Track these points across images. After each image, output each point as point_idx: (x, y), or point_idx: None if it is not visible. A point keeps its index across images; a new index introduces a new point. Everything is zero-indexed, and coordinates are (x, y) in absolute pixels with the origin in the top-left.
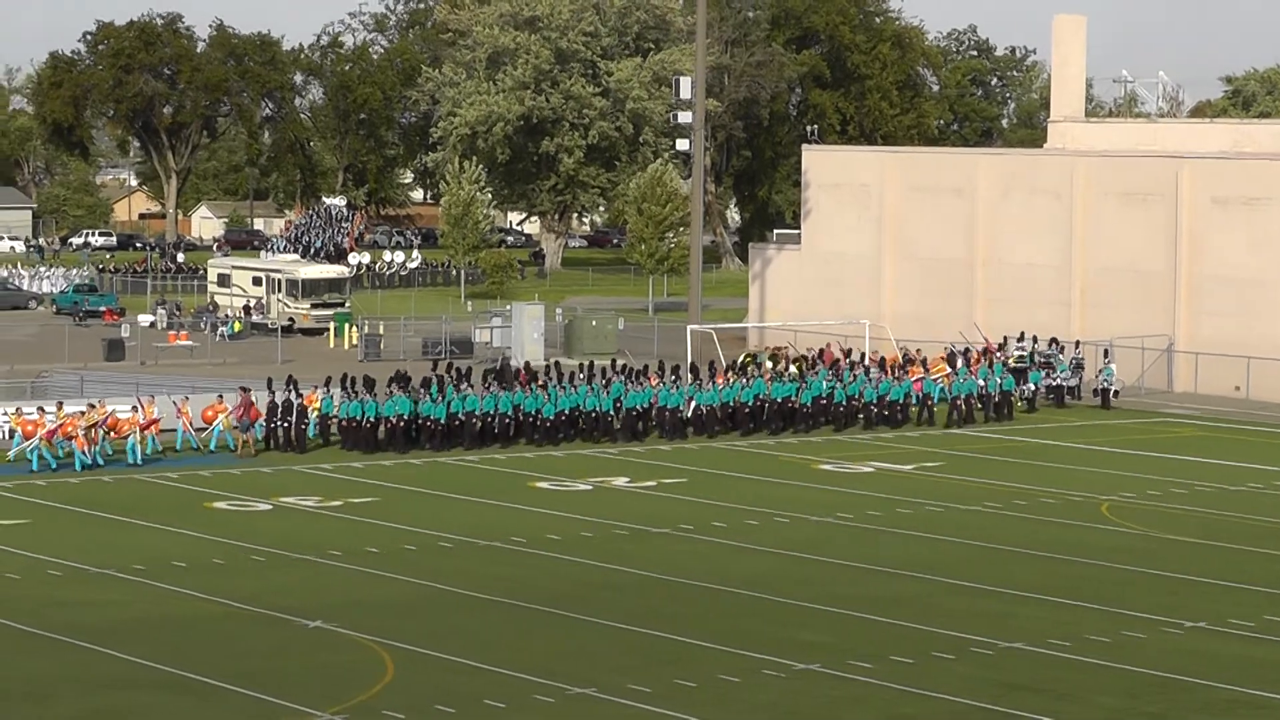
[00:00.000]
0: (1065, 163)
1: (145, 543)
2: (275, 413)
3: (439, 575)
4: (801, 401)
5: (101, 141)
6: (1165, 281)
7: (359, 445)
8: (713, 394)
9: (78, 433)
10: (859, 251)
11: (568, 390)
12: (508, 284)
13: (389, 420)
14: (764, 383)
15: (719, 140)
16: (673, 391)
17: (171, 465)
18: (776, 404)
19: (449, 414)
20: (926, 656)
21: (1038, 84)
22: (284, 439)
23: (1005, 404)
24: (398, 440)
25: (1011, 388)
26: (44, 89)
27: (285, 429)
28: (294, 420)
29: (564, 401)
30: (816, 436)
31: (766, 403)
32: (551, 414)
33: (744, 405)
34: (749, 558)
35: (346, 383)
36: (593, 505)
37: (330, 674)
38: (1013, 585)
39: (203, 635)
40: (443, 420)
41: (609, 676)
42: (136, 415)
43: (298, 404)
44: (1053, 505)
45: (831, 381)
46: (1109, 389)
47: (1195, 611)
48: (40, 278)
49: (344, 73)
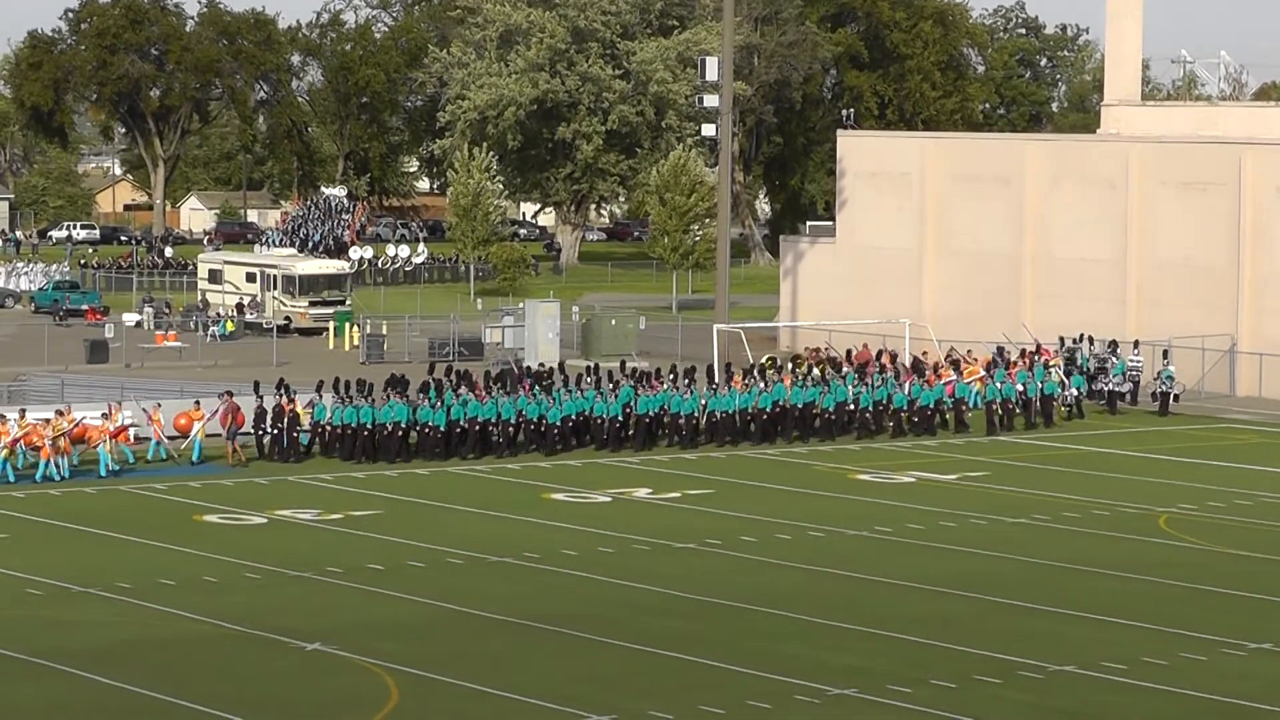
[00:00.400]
0: (1120, 149)
1: (131, 559)
2: (264, 419)
3: (446, 594)
4: (824, 407)
5: (84, 127)
6: (1227, 277)
7: (354, 454)
8: (729, 399)
9: (44, 442)
10: (898, 245)
11: (574, 395)
12: (520, 280)
13: (386, 427)
14: (784, 387)
15: (748, 125)
16: (686, 397)
17: (154, 476)
18: (798, 410)
19: (449, 421)
20: (970, 680)
21: (1090, 65)
22: (273, 448)
23: (1046, 409)
24: (392, 449)
25: (1054, 392)
26: (22, 71)
27: (275, 436)
28: (285, 427)
29: (570, 407)
30: (853, 444)
31: (787, 409)
32: (557, 420)
33: (762, 412)
34: (780, 574)
35: (340, 387)
36: (612, 518)
37: (331, 700)
38: (1063, 604)
39: (194, 659)
40: (442, 427)
41: (630, 702)
42: (105, 423)
43: (290, 410)
44: (1106, 518)
45: (859, 387)
46: (1168, 393)
47: (1259, 632)
48: (18, 274)
49: (344, 53)
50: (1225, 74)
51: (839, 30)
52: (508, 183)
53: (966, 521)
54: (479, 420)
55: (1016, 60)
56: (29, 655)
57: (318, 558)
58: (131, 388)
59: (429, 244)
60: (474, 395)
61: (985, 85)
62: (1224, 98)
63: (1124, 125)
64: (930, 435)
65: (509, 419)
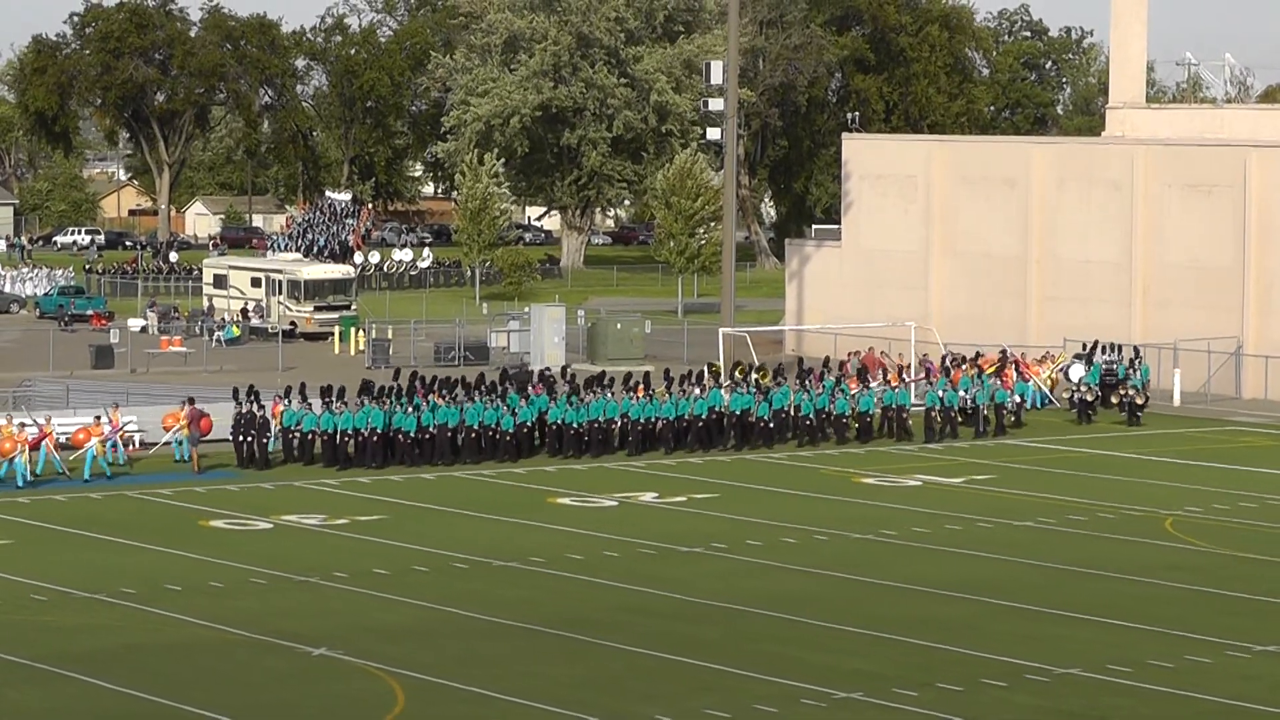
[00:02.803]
0: (1125, 152)
1: (136, 564)
2: (239, 426)
3: (452, 598)
4: (759, 414)
5: (88, 132)
6: (1233, 279)
7: (330, 461)
8: (669, 406)
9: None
10: (904, 248)
11: (532, 401)
12: (526, 284)
13: (361, 433)
14: (720, 394)
15: (753, 129)
16: (648, 403)
17: (163, 481)
18: (735, 417)
19: (419, 426)
20: (976, 684)
21: (1095, 67)
22: (247, 454)
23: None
24: (369, 455)
25: (1004, 399)
26: (26, 76)
27: (245, 444)
28: (255, 434)
29: (524, 414)
30: (858, 449)
31: (724, 415)
32: (510, 427)
33: (698, 419)
34: (786, 578)
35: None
36: (617, 522)
37: (336, 705)
38: (1069, 607)
39: (199, 664)
40: (413, 433)
41: (636, 706)
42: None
43: (260, 416)
44: (1112, 520)
45: (800, 394)
46: (1133, 401)
47: (1265, 634)
48: (23, 279)
49: (349, 57)
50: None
51: (845, 34)
52: (513, 187)
53: (972, 525)
54: (449, 426)
55: (1021, 63)
56: (33, 660)
57: (323, 562)
58: (137, 393)
59: (434, 248)
60: (443, 402)
61: (990, 88)
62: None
63: (1129, 128)
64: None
65: (472, 426)
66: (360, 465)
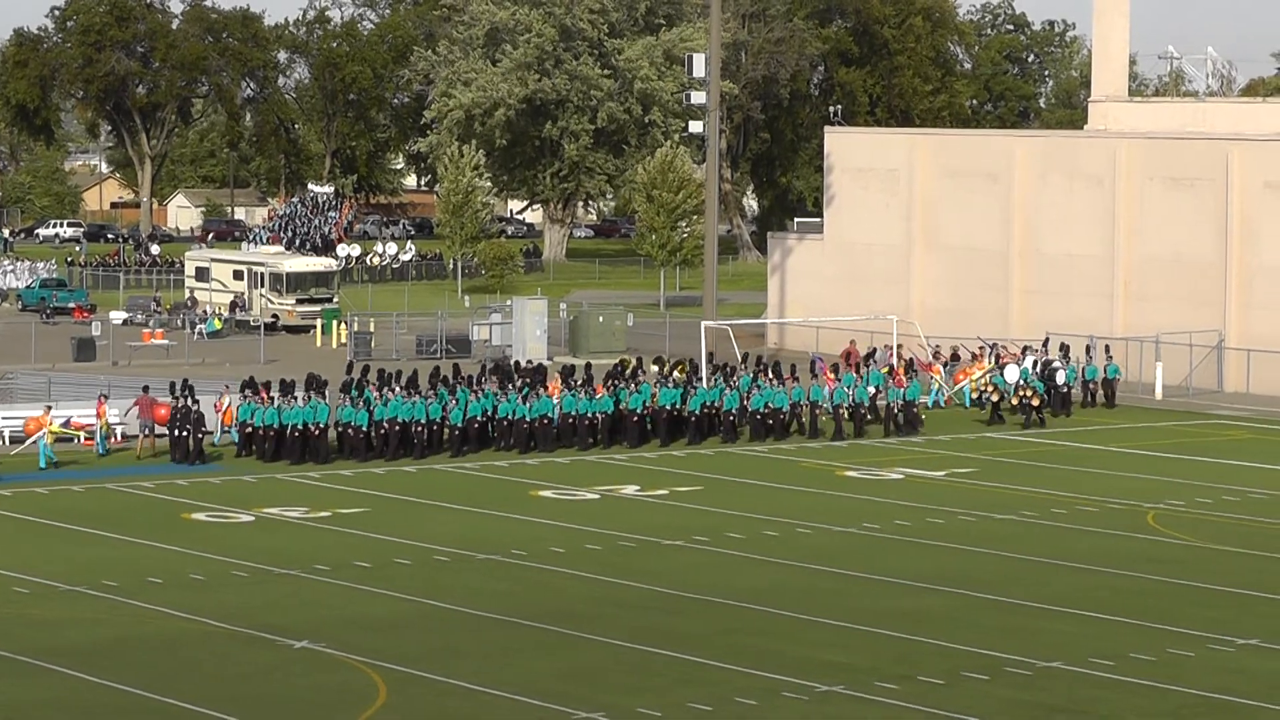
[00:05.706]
0: (1107, 145)
1: (119, 557)
2: (173, 420)
3: (434, 591)
4: (689, 409)
5: (70, 125)
6: (1215, 273)
7: (277, 455)
8: (599, 402)
9: None
10: (886, 241)
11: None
12: (508, 277)
13: (316, 427)
14: (650, 389)
15: (735, 122)
16: (582, 398)
17: (142, 473)
18: (665, 412)
19: (371, 420)
20: (957, 677)
21: (1077, 61)
22: (176, 450)
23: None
24: (322, 450)
25: (916, 397)
26: (8, 68)
27: (179, 439)
28: (191, 429)
29: (474, 408)
30: (840, 442)
31: (652, 412)
32: (459, 420)
33: (633, 413)
34: (767, 571)
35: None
36: (599, 515)
37: (319, 697)
38: (1050, 600)
39: (182, 657)
40: (365, 427)
41: (617, 699)
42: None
43: (195, 411)
44: (1093, 514)
45: (720, 387)
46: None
47: (1247, 627)
48: (4, 272)
49: (331, 50)
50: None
51: (828, 26)
52: (495, 179)
53: (954, 518)
54: (399, 420)
55: (1004, 57)
56: (16, 654)
57: (305, 555)
58: (119, 385)
59: (417, 241)
60: (394, 395)
61: (973, 82)
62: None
63: (1111, 121)
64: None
65: (419, 420)
66: (314, 461)
